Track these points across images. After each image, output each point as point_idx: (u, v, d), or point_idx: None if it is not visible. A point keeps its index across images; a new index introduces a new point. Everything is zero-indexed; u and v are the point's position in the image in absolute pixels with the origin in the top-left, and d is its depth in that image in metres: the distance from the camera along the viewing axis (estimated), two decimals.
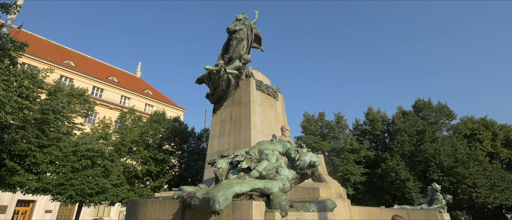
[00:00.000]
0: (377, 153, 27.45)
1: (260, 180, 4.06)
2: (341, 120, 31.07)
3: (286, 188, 4.13)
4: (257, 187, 3.86)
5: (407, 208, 16.80)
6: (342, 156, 25.88)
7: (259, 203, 3.58)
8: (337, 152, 27.79)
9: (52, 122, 12.29)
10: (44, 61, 37.58)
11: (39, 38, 45.65)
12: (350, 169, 24.70)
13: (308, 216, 3.99)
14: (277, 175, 4.14)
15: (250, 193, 3.81)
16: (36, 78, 11.93)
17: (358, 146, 27.01)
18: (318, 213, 4.23)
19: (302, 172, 4.26)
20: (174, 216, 4.28)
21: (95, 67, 48.37)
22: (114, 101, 43.31)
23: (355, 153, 27.14)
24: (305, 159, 4.24)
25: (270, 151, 4.70)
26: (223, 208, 3.30)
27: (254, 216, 3.35)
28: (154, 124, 20.88)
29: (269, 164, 4.41)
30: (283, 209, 3.64)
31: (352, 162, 25.59)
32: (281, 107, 16.51)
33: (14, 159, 11.47)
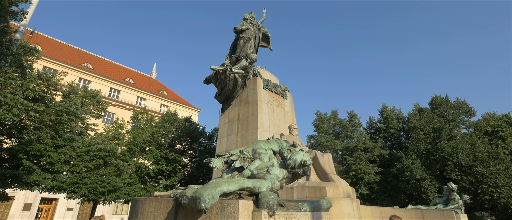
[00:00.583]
0: (391, 152, 26.72)
1: (249, 179, 4.02)
2: (354, 118, 30.46)
3: (275, 187, 4.07)
4: (246, 186, 3.83)
5: (422, 208, 16.26)
6: (355, 155, 25.37)
7: (246, 202, 3.55)
8: (350, 150, 27.29)
9: (66, 123, 12.78)
10: (64, 64, 39.00)
11: (59, 43, 47.38)
12: (363, 168, 24.17)
13: (299, 215, 3.92)
14: (267, 174, 4.09)
15: (239, 192, 3.79)
16: (50, 81, 12.45)
17: (372, 145, 26.38)
18: (311, 212, 4.15)
19: (293, 171, 4.19)
20: (168, 214, 4.32)
21: (112, 69, 49.68)
22: (131, 102, 44.35)
23: (368, 152, 26.53)
24: (296, 158, 4.16)
25: (263, 150, 4.66)
26: (209, 207, 3.29)
27: (240, 215, 3.33)
28: (165, 124, 21.24)
29: (261, 163, 4.37)
30: (271, 209, 3.60)
31: (365, 161, 25.03)
32: (289, 106, 16.36)
33: (30, 159, 12.03)
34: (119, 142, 17.72)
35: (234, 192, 3.72)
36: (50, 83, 12.45)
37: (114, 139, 17.87)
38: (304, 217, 3.97)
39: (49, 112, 11.97)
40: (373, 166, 25.27)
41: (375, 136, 29.91)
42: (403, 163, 23.19)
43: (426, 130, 23.80)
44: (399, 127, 29.39)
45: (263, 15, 17.94)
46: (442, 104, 26.71)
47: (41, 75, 12.51)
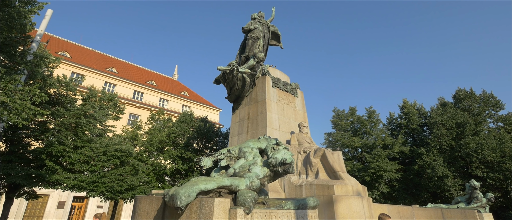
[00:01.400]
0: (412, 148, 25.71)
1: (228, 178, 4.08)
2: (373, 114, 29.58)
3: (254, 185, 4.09)
4: (224, 184, 3.90)
5: (442, 207, 15.57)
6: (373, 152, 24.66)
7: (223, 200, 3.61)
8: (370, 147, 26.55)
9: (84, 125, 13.52)
10: (90, 69, 41.01)
11: (85, 49, 49.77)
12: (382, 165, 23.43)
13: (280, 213, 3.92)
14: (247, 173, 4.13)
15: (218, 190, 3.86)
16: (69, 86, 13.22)
17: (391, 141, 25.50)
18: (294, 211, 4.13)
19: (274, 170, 4.18)
20: (158, 212, 4.48)
21: (136, 72, 51.49)
22: (154, 104, 45.83)
23: (388, 149, 25.68)
24: (277, 157, 4.16)
25: (249, 149, 4.69)
26: (184, 204, 3.40)
27: (216, 213, 3.40)
28: (181, 124, 21.76)
29: (246, 162, 4.41)
30: (247, 206, 3.63)
31: (384, 158, 24.26)
32: (300, 103, 16.22)
33: (52, 160, 12.85)
34: (136, 142, 18.44)
35: (213, 190, 3.80)
36: (69, 88, 13.22)
37: (132, 139, 18.62)
38: (287, 215, 3.96)
39: (68, 115, 12.74)
40: (393, 163, 24.45)
41: (396, 132, 28.90)
42: (425, 160, 22.24)
43: (449, 125, 22.65)
44: (421, 122, 28.19)
45: (272, 13, 17.90)
46: (467, 98, 25.29)
47: (60, 80, 13.30)
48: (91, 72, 41.08)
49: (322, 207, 10.17)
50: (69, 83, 13.53)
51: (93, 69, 41.46)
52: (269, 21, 17.17)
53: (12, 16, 6.31)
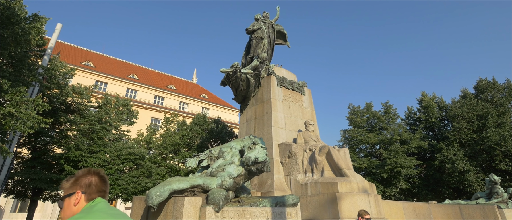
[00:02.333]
0: (430, 143, 24.72)
1: (201, 177, 4.22)
2: (390, 109, 28.71)
3: (226, 184, 4.19)
4: (197, 183, 4.04)
5: (461, 203, 14.94)
6: (390, 148, 23.97)
7: (193, 198, 3.76)
8: (387, 143, 25.83)
9: (99, 131, 14.26)
10: (113, 77, 42.84)
11: (108, 57, 51.89)
12: (400, 161, 22.72)
13: (254, 211, 4.00)
14: (219, 172, 4.25)
15: (192, 190, 4.01)
16: (83, 94, 14.03)
17: (408, 136, 24.66)
18: (271, 208, 4.20)
19: (248, 168, 4.27)
20: (144, 211, 4.71)
21: (156, 78, 53.05)
22: (174, 107, 47.15)
23: (406, 144, 24.84)
24: (250, 156, 4.23)
25: (228, 148, 4.81)
26: (155, 203, 3.59)
27: (185, 211, 3.55)
28: (195, 126, 22.26)
29: (223, 161, 4.54)
30: (217, 204, 3.74)
31: (402, 154, 23.51)
32: (308, 101, 16.14)
33: (70, 164, 13.66)
34: (151, 145, 19.12)
35: (187, 190, 3.96)
36: (83, 96, 14.00)
37: (147, 142, 19.33)
38: (262, 213, 4.04)
39: (84, 122, 13.51)
40: (411, 159, 23.64)
41: (414, 127, 27.90)
42: (444, 155, 21.32)
43: (469, 117, 21.55)
44: (442, 115, 27.01)
45: (277, 13, 17.90)
46: (489, 88, 23.94)
47: (75, 89, 14.12)
48: (114, 80, 42.92)
49: (327, 205, 10.12)
50: (84, 92, 14.34)
51: (115, 77, 43.28)
52: (274, 21, 17.19)
53: (16, 33, 6.87)
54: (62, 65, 13.81)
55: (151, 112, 42.54)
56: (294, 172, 12.40)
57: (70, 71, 14.17)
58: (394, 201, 14.51)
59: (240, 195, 4.72)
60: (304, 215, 10.80)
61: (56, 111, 13.28)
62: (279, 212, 4.25)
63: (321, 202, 10.48)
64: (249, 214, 3.93)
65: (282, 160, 12.94)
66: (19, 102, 6.76)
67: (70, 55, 43.64)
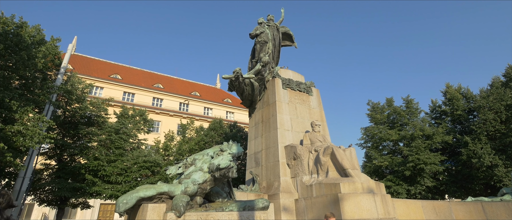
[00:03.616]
0: (455, 137, 23.34)
1: (167, 184, 4.44)
2: (411, 104, 27.48)
3: (189, 191, 4.37)
4: (163, 190, 4.27)
5: (484, 200, 14.04)
6: (412, 144, 22.95)
7: (157, 205, 3.99)
8: (409, 139, 24.74)
9: (116, 141, 15.16)
10: (139, 87, 45.00)
11: (134, 69, 54.42)
12: (422, 158, 21.69)
13: (219, 215, 4.15)
14: (184, 179, 4.45)
15: (160, 196, 4.25)
16: (100, 107, 15.03)
17: (431, 131, 23.44)
18: (238, 212, 4.31)
19: (213, 174, 4.43)
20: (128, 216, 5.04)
21: (180, 85, 54.86)
22: (199, 113, 48.62)
23: (429, 139, 23.65)
24: (214, 162, 4.39)
25: (200, 156, 5.00)
26: (122, 210, 3.87)
27: (149, 217, 3.80)
28: (210, 131, 22.81)
29: (194, 168, 4.73)
30: (178, 210, 3.94)
31: (425, 150, 22.42)
32: (316, 102, 15.98)
33: (91, 173, 14.66)
34: (168, 152, 19.89)
35: (155, 196, 4.22)
36: (100, 109, 14.99)
37: (165, 149, 20.13)
38: (228, 217, 4.18)
39: (101, 133, 14.48)
40: (435, 154, 22.48)
41: (439, 121, 26.46)
42: (470, 149, 20.06)
43: (497, 107, 20.07)
44: (470, 107, 25.34)
45: (282, 15, 17.95)
46: None
47: (93, 103, 15.15)
48: (140, 90, 45.09)
49: (330, 206, 10.02)
50: (100, 105, 15.35)
51: (142, 87, 45.44)
52: (279, 23, 17.26)
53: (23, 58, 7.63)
54: (79, 81, 14.93)
55: (177, 118, 43.98)
56: (300, 173, 12.37)
57: (88, 86, 15.27)
58: (412, 200, 13.95)
59: (216, 199, 4.91)
60: (309, 216, 10.75)
61: (76, 124, 14.39)
62: (247, 215, 4.37)
63: (325, 203, 10.40)
64: (213, 218, 4.11)
65: (288, 162, 12.95)
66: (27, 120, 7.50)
67: (99, 70, 46.40)
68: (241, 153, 5.38)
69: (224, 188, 6.50)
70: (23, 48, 7.66)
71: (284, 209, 11.48)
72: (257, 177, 13.90)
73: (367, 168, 27.74)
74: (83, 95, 15.00)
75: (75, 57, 48.28)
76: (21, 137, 7.25)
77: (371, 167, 26.49)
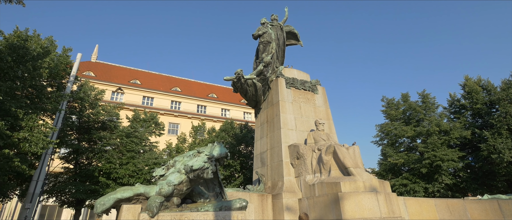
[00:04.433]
0: (474, 131, 22.21)
1: (144, 186, 4.60)
2: (427, 99, 26.43)
3: (163, 192, 4.50)
4: (139, 192, 4.43)
5: (501, 198, 13.41)
6: (428, 140, 22.10)
7: (132, 206, 4.16)
8: (426, 135, 23.84)
9: (128, 144, 15.75)
10: (157, 91, 46.35)
11: (153, 74, 55.91)
12: (439, 154, 20.84)
13: (193, 215, 4.25)
14: (159, 180, 4.59)
15: (137, 197, 4.43)
16: (111, 112, 15.68)
17: (448, 126, 22.45)
18: (214, 212, 4.40)
19: (187, 175, 4.54)
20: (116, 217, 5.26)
21: (198, 88, 55.86)
22: (216, 115, 49.40)
23: (446, 135, 22.66)
24: (188, 164, 4.50)
25: (181, 158, 5.14)
26: (99, 211, 4.07)
27: (124, 217, 3.99)
28: (222, 133, 23.09)
29: (173, 170, 4.87)
30: (151, 210, 4.09)
31: (442, 146, 21.53)
32: (322, 100, 15.84)
33: (104, 176, 15.32)
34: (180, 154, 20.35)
35: (133, 198, 4.40)
36: (111, 114, 15.64)
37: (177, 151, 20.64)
38: (203, 217, 4.28)
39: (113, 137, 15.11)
40: (452, 150, 21.54)
41: (459, 115, 25.29)
42: (490, 144, 19.08)
43: None
44: (490, 100, 24.03)
45: (285, 14, 17.91)
46: None
47: (105, 109, 15.84)
48: (159, 94, 46.45)
49: (331, 205, 9.95)
50: (111, 111, 16.03)
51: (160, 91, 46.79)
52: (282, 23, 17.23)
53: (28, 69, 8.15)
54: (92, 88, 15.68)
55: (195, 121, 44.91)
56: (303, 173, 12.32)
57: (100, 92, 15.98)
58: (424, 198, 13.53)
59: (198, 200, 5.04)
60: (312, 216, 10.69)
61: (89, 129, 15.13)
62: (223, 215, 4.45)
63: (326, 203, 10.33)
64: (187, 218, 4.23)
65: (292, 162, 12.93)
66: (32, 128, 8.03)
67: (119, 76, 48.15)
68: (224, 155, 5.48)
69: (215, 188, 6.64)
70: (29, 60, 8.22)
71: (287, 209, 11.48)
72: (263, 177, 13.96)
73: (382, 166, 27.03)
74: (96, 101, 15.74)
75: (97, 64, 50.35)
76: (26, 143, 7.79)
77: (387, 165, 25.78)
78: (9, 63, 7.64)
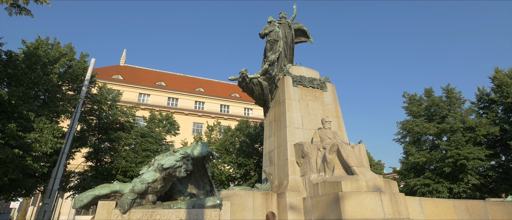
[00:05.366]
0: (503, 128, 20.61)
1: (121, 183, 4.81)
2: (452, 94, 24.91)
3: (136, 189, 4.66)
4: (115, 189, 4.66)
5: None
6: (451, 138, 20.87)
7: (107, 202, 4.39)
8: (450, 132, 22.51)
9: (143, 143, 16.47)
10: (182, 92, 47.87)
11: (177, 76, 57.71)
12: (463, 152, 19.60)
13: (165, 213, 4.39)
14: (135, 178, 4.78)
15: (114, 194, 4.66)
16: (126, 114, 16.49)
17: (474, 122, 21.02)
18: (186, 210, 4.52)
19: (161, 173, 4.69)
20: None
21: (220, 88, 56.91)
22: (239, 114, 50.18)
23: (471, 132, 21.24)
24: (160, 162, 4.64)
25: (160, 157, 5.31)
26: (77, 207, 4.35)
27: (99, 213, 4.23)
28: (236, 132, 23.35)
29: (152, 168, 5.05)
30: (123, 207, 4.28)
31: (467, 144, 20.23)
32: (331, 97, 15.54)
33: (121, 174, 16.13)
34: None
35: (110, 195, 4.64)
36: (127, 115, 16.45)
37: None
38: (175, 215, 4.41)
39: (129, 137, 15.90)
40: (478, 148, 20.18)
41: (487, 111, 23.59)
42: None
43: None
44: None
45: (294, 11, 17.74)
46: None
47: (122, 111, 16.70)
48: (183, 95, 47.96)
49: (332, 205, 9.81)
50: (127, 112, 16.87)
51: (184, 92, 48.31)
52: (291, 20, 17.09)
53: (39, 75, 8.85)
54: (109, 91, 16.61)
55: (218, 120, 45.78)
56: (308, 171, 12.21)
57: (117, 95, 16.87)
58: (442, 199, 12.94)
59: (178, 198, 5.21)
60: (314, 215, 10.59)
61: (106, 129, 16.04)
62: (195, 213, 4.57)
63: (328, 202, 10.20)
64: (160, 215, 4.40)
65: (297, 160, 12.85)
66: (43, 129, 8.70)
67: (146, 78, 50.27)
68: (205, 153, 5.61)
69: (206, 186, 6.81)
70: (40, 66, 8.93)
71: (291, 208, 11.44)
72: (270, 176, 13.99)
73: (404, 164, 25.94)
74: (113, 103, 16.65)
75: (125, 68, 52.87)
76: (37, 143, 8.49)
77: (408, 163, 24.70)
78: (24, 69, 8.35)
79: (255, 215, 11.29)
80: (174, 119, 21.37)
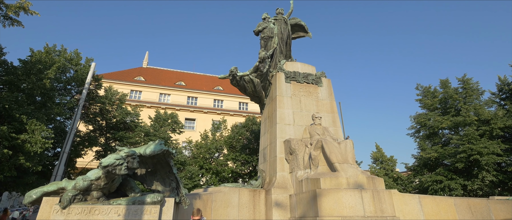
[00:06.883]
0: None
1: (68, 181, 5.13)
2: (468, 84, 23.42)
3: (78, 186, 4.92)
4: (62, 186, 4.99)
5: None
6: (464, 132, 19.71)
7: (50, 198, 4.73)
8: (466, 125, 21.23)
9: (146, 142, 17.16)
10: (201, 91, 49.04)
11: (197, 75, 59.03)
12: (476, 147, 18.46)
13: (104, 208, 4.64)
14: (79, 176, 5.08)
15: (61, 191, 5.00)
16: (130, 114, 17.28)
17: (489, 115, 19.67)
18: (126, 206, 4.76)
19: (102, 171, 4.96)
20: None
21: None
22: (257, 112, 50.76)
23: (486, 125, 19.90)
24: (103, 161, 4.91)
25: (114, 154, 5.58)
26: (26, 202, 4.74)
27: (42, 207, 4.61)
28: (241, 129, 23.59)
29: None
30: (63, 202, 4.61)
31: (482, 138, 19.02)
32: (326, 93, 15.30)
33: None
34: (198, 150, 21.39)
35: (58, 191, 4.99)
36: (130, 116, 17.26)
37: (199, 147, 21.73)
38: (115, 210, 4.67)
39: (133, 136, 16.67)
40: (494, 142, 18.93)
41: (508, 102, 21.95)
42: None
43: None
44: None
45: (290, 7, 17.57)
46: None
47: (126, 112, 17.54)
48: (202, 93, 49.16)
49: (311, 202, 9.78)
50: (130, 112, 17.69)
51: (203, 91, 49.47)
52: (287, 16, 16.97)
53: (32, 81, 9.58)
54: (115, 93, 17.50)
55: (237, 118, 46.33)
56: (295, 168, 12.20)
57: (123, 96, 17.71)
58: (443, 197, 12.51)
59: (130, 194, 5.51)
60: (297, 213, 10.59)
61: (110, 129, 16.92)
62: (134, 209, 4.82)
63: (307, 200, 10.19)
64: (98, 211, 4.69)
65: (286, 157, 12.84)
66: (33, 130, 9.43)
67: (166, 79, 51.93)
68: (158, 152, 5.83)
69: (172, 183, 7.10)
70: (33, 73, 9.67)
71: (276, 205, 11.48)
72: (263, 173, 14.10)
73: (417, 160, 24.89)
74: (120, 104, 17.50)
75: (147, 69, 54.97)
76: (28, 144, 9.22)
77: (421, 159, 23.68)
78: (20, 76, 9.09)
79: (241, 212, 11.39)
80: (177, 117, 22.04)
